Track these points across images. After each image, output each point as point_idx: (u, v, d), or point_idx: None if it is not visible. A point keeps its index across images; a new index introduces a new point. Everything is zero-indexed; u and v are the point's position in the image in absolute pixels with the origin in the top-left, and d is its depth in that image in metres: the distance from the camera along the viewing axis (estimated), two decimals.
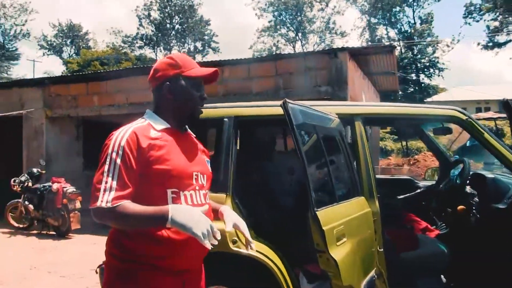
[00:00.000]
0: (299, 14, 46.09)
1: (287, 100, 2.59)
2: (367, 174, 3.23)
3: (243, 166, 3.45)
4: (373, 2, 43.24)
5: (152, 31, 50.60)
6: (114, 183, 1.67)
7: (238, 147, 3.52)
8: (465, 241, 3.56)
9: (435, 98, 37.53)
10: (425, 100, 37.71)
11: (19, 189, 8.94)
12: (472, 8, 39.40)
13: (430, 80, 42.92)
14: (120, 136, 1.75)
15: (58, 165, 10.64)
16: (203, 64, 9.52)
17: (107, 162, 1.71)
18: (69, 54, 52.65)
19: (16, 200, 9.12)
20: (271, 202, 3.79)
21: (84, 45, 52.16)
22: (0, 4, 47.59)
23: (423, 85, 42.35)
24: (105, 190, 1.65)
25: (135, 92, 9.81)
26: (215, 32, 52.10)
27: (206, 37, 51.36)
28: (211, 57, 50.07)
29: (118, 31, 53.29)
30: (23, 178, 9.00)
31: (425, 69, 42.83)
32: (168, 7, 49.54)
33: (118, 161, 1.70)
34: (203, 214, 1.64)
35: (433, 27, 43.32)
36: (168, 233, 1.72)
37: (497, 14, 36.89)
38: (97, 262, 6.19)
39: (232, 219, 1.92)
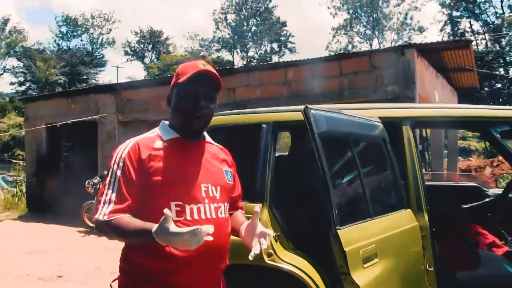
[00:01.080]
0: (374, 10, 44.77)
1: (309, 106, 2.44)
2: (415, 184, 2.93)
3: (282, 174, 3.30)
4: None
5: (228, 34, 51.62)
6: (113, 196, 1.65)
7: (276, 154, 3.38)
8: None
9: None
10: None
11: (92, 191, 9.37)
12: None
13: None
14: (123, 148, 1.75)
15: None
16: (262, 68, 9.55)
17: (109, 175, 1.71)
18: (150, 59, 55.05)
19: (90, 201, 9.53)
20: (312, 213, 3.62)
21: (164, 50, 54.28)
22: (90, 16, 50.97)
23: None
24: (104, 203, 1.65)
25: None
26: (291, 32, 52.04)
27: (282, 38, 51.42)
28: (288, 57, 50.10)
29: (194, 35, 54.64)
30: (95, 181, 9.44)
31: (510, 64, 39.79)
32: (244, 10, 50.18)
33: (118, 173, 1.69)
34: (175, 230, 1.45)
35: None
36: (171, 249, 1.63)
37: None
38: None
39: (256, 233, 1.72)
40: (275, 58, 49.37)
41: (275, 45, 52.09)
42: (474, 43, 30.72)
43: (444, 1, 42.88)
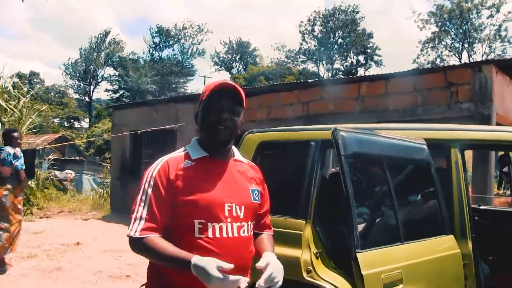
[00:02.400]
0: (464, 22, 42.70)
1: (338, 127, 2.51)
2: (460, 209, 2.91)
3: (329, 192, 3.31)
4: None
5: (314, 45, 51.60)
6: (144, 213, 1.74)
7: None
8: None
9: None
10: None
11: None
12: None
13: None
14: (154, 167, 1.83)
15: None
16: (337, 82, 9.53)
17: (141, 192, 1.80)
18: (237, 70, 56.38)
19: None
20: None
21: (251, 61, 55.41)
22: (182, 26, 53.22)
23: None
24: (135, 220, 1.75)
25: (276, 108, 10.13)
26: (378, 45, 51.06)
27: (368, 50, 50.65)
28: (375, 70, 49.20)
29: (282, 46, 55.24)
30: None
31: None
32: (331, 22, 49.99)
33: (150, 191, 1.77)
34: (218, 275, 1.56)
35: None
36: None
37: None
38: None
39: (270, 260, 1.77)
40: (360, 71, 48.72)
41: (361, 58, 51.44)
42: None
43: None
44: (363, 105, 8.98)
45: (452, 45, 44.93)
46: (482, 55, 42.56)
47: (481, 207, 4.45)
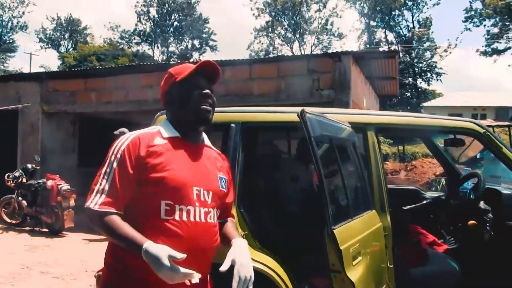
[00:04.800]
0: (296, 14, 45.93)
1: (305, 109, 2.48)
2: (379, 186, 3.10)
3: (249, 174, 3.32)
4: (373, 5, 43.11)
5: (150, 27, 50.32)
6: (107, 187, 1.67)
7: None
8: (476, 258, 3.41)
9: (432, 103, 37.51)
10: (422, 105, 37.74)
11: (13, 184, 8.73)
12: (473, 12, 39.04)
13: (428, 85, 43.06)
14: (123, 141, 1.74)
15: (53, 162, 10.45)
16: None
17: (106, 164, 1.72)
18: (66, 48, 52.27)
19: (9, 195, 8.90)
20: (277, 212, 3.68)
21: (82, 40, 51.76)
22: None
23: (420, 89, 42.32)
24: (97, 192, 1.67)
25: (134, 90, 9.67)
26: (213, 30, 51.80)
27: (204, 35, 51.09)
28: (208, 56, 49.85)
29: (116, 26, 52.64)
30: (17, 174, 8.78)
31: (423, 74, 42.77)
32: (167, 4, 49.23)
33: (115, 165, 1.69)
34: (171, 269, 1.51)
35: (432, 32, 43.24)
36: None
37: (497, 20, 36.63)
38: (90, 262, 6.17)
39: (234, 258, 1.75)
40: (195, 55, 49.11)
41: (196, 42, 51.68)
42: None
43: (362, 11, 45.03)
44: (227, 89, 9.01)
45: (285, 35, 47.84)
46: (311, 46, 46.38)
47: None
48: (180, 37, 51.09)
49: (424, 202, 4.47)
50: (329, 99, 8.33)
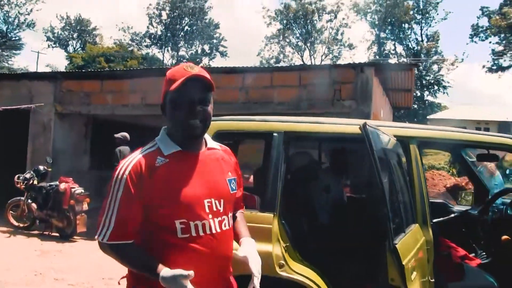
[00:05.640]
0: (308, 23, 46.01)
1: (368, 123, 2.49)
2: (421, 199, 3.09)
3: (289, 185, 3.39)
4: (383, 17, 43.24)
5: (161, 30, 50.33)
6: (113, 218, 1.66)
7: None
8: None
9: (437, 116, 37.63)
10: (428, 117, 37.78)
11: (23, 186, 8.52)
12: (479, 29, 39.48)
13: (435, 97, 43.23)
14: (124, 168, 1.70)
15: (64, 164, 10.28)
16: (218, 71, 9.32)
17: (110, 194, 1.68)
18: (74, 48, 52.20)
19: (18, 197, 8.69)
20: (316, 223, 3.64)
21: (90, 40, 51.73)
22: None
23: (427, 102, 42.39)
24: (104, 224, 1.67)
25: (151, 93, 9.53)
26: (224, 36, 51.85)
27: (214, 41, 51.14)
28: (218, 61, 49.95)
29: (127, 27, 52.47)
30: (28, 175, 8.56)
31: (430, 86, 42.87)
32: (179, 8, 49.28)
33: (120, 194, 1.67)
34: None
35: (438, 46, 43.45)
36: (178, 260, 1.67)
37: (501, 37, 36.98)
38: (106, 269, 6.00)
39: (246, 250, 1.82)
40: (205, 60, 49.16)
41: (206, 47, 51.74)
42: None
43: (373, 22, 45.15)
44: (247, 96, 8.90)
45: (296, 43, 47.95)
46: (322, 56, 46.50)
47: None
48: (191, 41, 51.09)
49: (452, 215, 4.42)
50: (350, 110, 8.22)
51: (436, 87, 43.03)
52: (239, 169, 2.00)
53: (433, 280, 2.93)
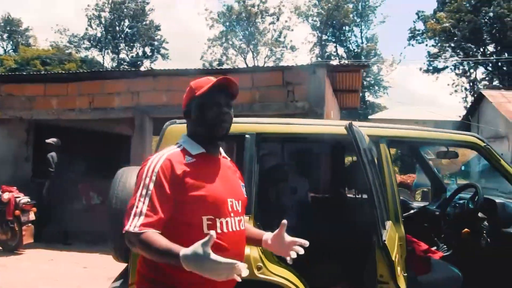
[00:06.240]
0: (250, 25, 46.24)
1: (353, 123, 2.55)
2: (393, 197, 3.14)
3: (262, 186, 3.32)
4: (325, 19, 44.20)
5: (101, 32, 48.75)
6: (145, 208, 1.69)
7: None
8: (474, 264, 3.54)
9: (378, 116, 38.85)
10: (368, 117, 39.05)
11: None
12: (416, 32, 41.32)
13: (376, 97, 44.71)
14: (155, 162, 1.78)
15: (5, 172, 9.76)
16: (171, 73, 9.12)
17: (140, 187, 1.74)
18: (4, 50, 49.64)
19: None
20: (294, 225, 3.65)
21: (23, 42, 49.33)
22: None
23: (367, 102, 43.76)
24: (135, 215, 1.68)
25: (100, 97, 9.23)
26: (165, 38, 50.93)
27: (156, 43, 50.19)
28: (160, 64, 49.10)
29: (64, 29, 50.11)
30: None
31: (370, 87, 44.32)
32: (120, 10, 47.96)
33: (151, 186, 1.72)
34: (213, 259, 1.47)
35: (377, 48, 45.15)
36: None
37: (437, 40, 38.81)
38: (58, 280, 5.71)
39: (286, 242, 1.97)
40: (146, 63, 48.27)
41: (147, 49, 50.64)
42: None
43: (314, 24, 46.07)
44: None
45: (239, 45, 47.97)
46: (265, 57, 46.83)
47: None
48: (132, 44, 49.85)
49: (412, 211, 4.62)
50: (304, 111, 8.27)
51: (376, 88, 44.55)
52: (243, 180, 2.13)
53: (405, 274, 2.95)
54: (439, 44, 38.77)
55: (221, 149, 2.01)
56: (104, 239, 7.80)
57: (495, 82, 35.83)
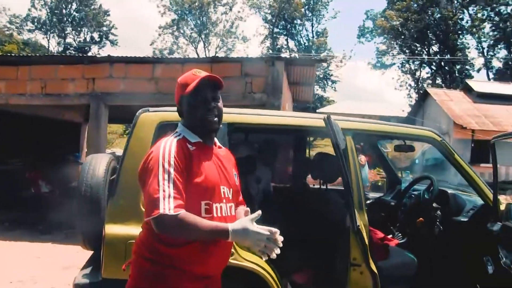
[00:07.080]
0: (203, 15, 45.81)
1: (331, 115, 2.64)
2: (357, 186, 3.25)
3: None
4: (277, 12, 44.45)
5: (46, 15, 46.70)
6: (172, 191, 1.76)
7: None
8: (428, 250, 3.76)
9: (325, 109, 39.56)
10: (317, 111, 39.73)
11: None
12: (365, 30, 42.46)
13: (324, 91, 45.48)
14: (168, 148, 1.87)
15: None
16: (128, 60, 8.98)
17: (161, 172, 1.80)
18: None
19: None
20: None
21: None
22: None
23: (316, 96, 44.51)
24: (164, 198, 1.74)
25: (53, 82, 8.96)
26: (114, 24, 49.58)
27: (104, 28, 48.72)
28: (109, 50, 47.74)
29: (4, 8, 47.61)
30: None
31: (320, 81, 45.04)
32: None
33: (172, 170, 1.81)
34: (257, 229, 1.79)
35: (327, 43, 45.88)
36: (200, 244, 1.87)
37: (385, 38, 39.96)
38: (13, 272, 5.57)
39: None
40: (94, 49, 46.79)
41: (96, 35, 49.13)
42: None
43: (266, 17, 46.23)
44: (157, 87, 8.71)
45: (190, 35, 47.43)
46: (216, 48, 46.54)
47: None
48: (79, 28, 48.08)
49: (368, 202, 4.78)
50: (261, 102, 8.40)
51: (325, 82, 45.37)
52: (237, 167, 2.23)
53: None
54: (387, 42, 39.96)
55: (216, 140, 2.11)
56: (56, 228, 7.74)
57: (438, 81, 37.37)
